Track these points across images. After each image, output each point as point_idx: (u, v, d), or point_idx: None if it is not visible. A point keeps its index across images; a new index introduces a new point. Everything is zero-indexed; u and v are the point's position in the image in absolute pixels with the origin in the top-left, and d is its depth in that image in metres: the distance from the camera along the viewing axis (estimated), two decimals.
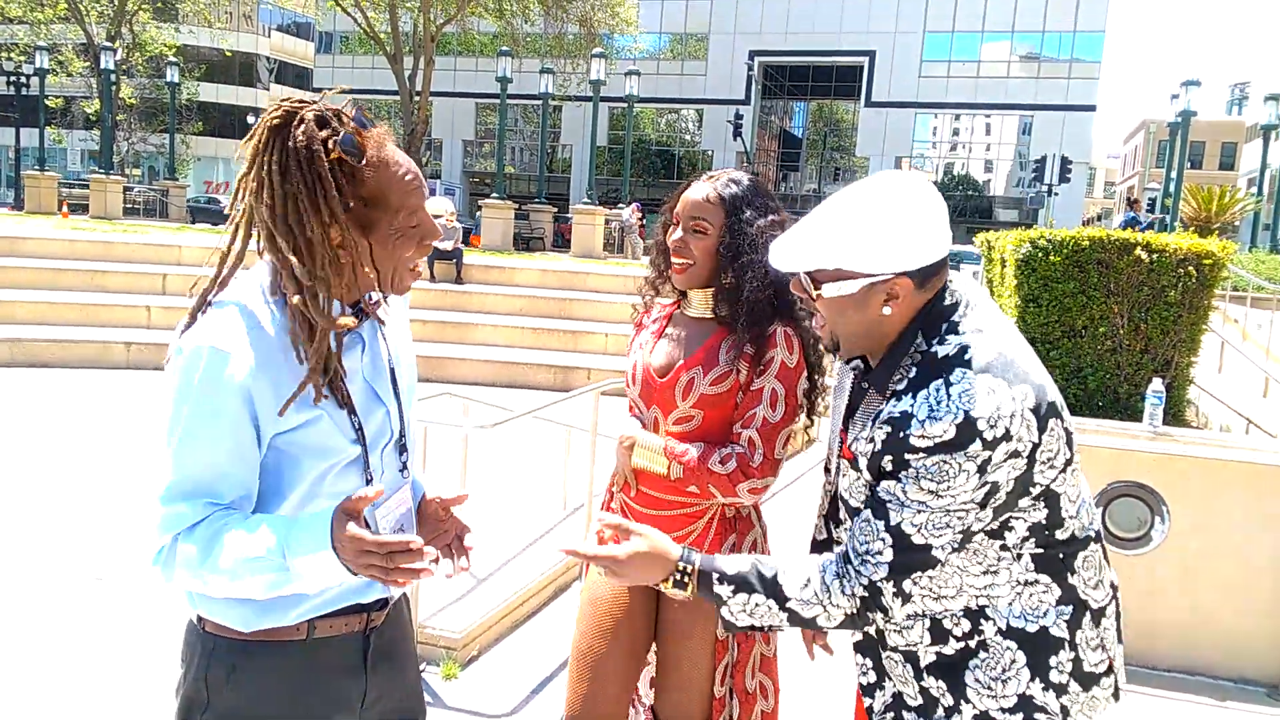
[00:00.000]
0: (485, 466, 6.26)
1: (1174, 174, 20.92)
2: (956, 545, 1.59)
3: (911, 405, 1.56)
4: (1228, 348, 9.65)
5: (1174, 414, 7.13)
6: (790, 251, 1.64)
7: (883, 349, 1.67)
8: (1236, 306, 11.87)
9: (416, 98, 26.73)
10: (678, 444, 2.22)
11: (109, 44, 28.55)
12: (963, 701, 1.68)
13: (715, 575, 1.67)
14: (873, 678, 1.81)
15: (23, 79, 35.27)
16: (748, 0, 47.97)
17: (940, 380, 1.57)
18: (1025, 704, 1.65)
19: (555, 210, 28.63)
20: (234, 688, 1.57)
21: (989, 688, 1.66)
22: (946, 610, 1.68)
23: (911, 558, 1.59)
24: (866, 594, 1.61)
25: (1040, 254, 7.04)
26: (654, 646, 2.40)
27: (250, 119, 49.17)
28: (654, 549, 1.70)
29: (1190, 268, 6.81)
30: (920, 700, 1.73)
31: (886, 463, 1.58)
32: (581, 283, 15.37)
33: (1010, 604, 1.67)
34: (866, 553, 1.60)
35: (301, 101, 1.57)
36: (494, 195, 22.21)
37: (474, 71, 48.10)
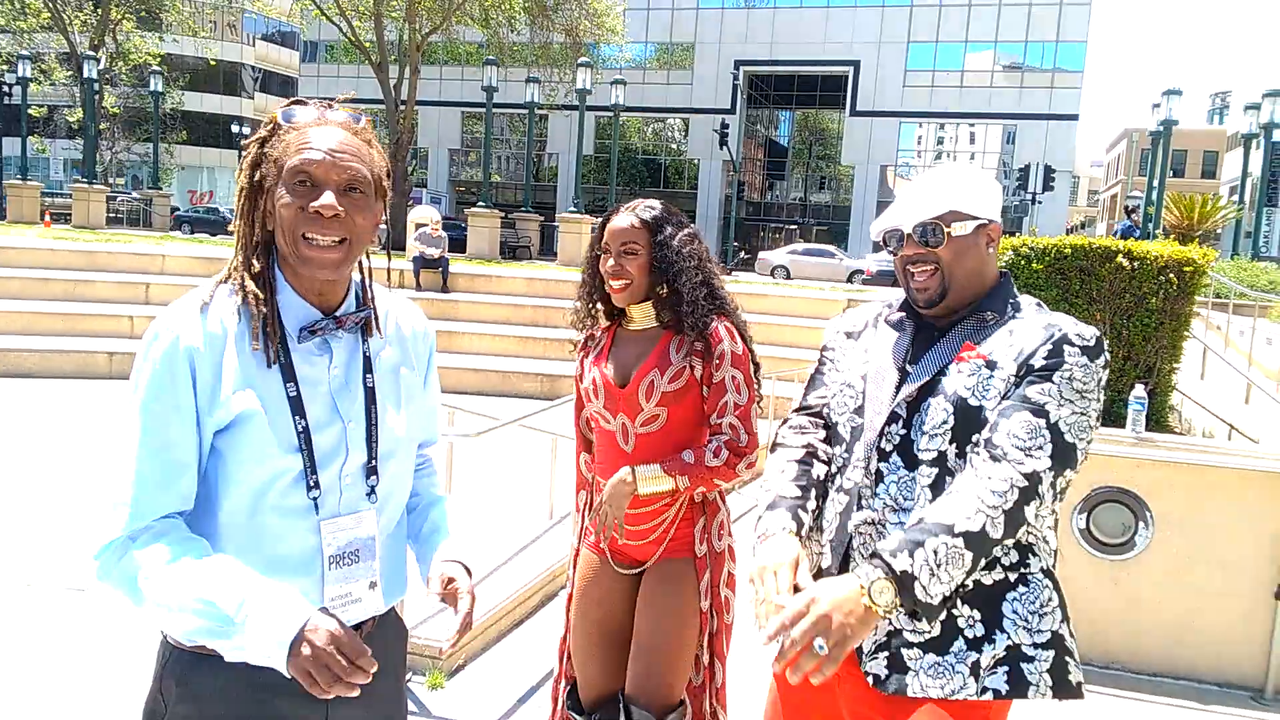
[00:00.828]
0: (471, 475, 6.25)
1: (1156, 182, 21.09)
2: (1082, 459, 1.74)
3: (1050, 319, 1.84)
4: (1210, 354, 9.73)
5: (1157, 420, 7.18)
6: (926, 201, 1.90)
7: (978, 296, 1.92)
8: (1219, 313, 11.96)
9: (402, 107, 26.68)
10: (672, 459, 2.46)
11: (92, 53, 28.41)
12: (997, 631, 1.74)
13: (886, 556, 1.60)
14: None
15: (5, 87, 35.06)
16: (733, 11, 48.17)
17: (1051, 314, 1.88)
18: (1057, 642, 1.75)
19: (541, 219, 28.64)
20: (182, 700, 1.55)
21: (1026, 620, 1.75)
22: None
23: (1066, 455, 1.71)
24: (1026, 483, 1.66)
25: (1023, 261, 7.09)
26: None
27: (234, 128, 48.96)
28: (831, 589, 1.58)
29: (1171, 275, 6.86)
30: (936, 632, 1.74)
31: (1040, 356, 1.76)
32: (568, 291, 15.33)
33: (1051, 546, 1.83)
34: (1027, 448, 1.69)
35: (301, 101, 1.64)
36: (480, 204, 22.19)
37: (460, 81, 48.08)
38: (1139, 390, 5.07)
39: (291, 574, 1.55)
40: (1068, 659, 1.75)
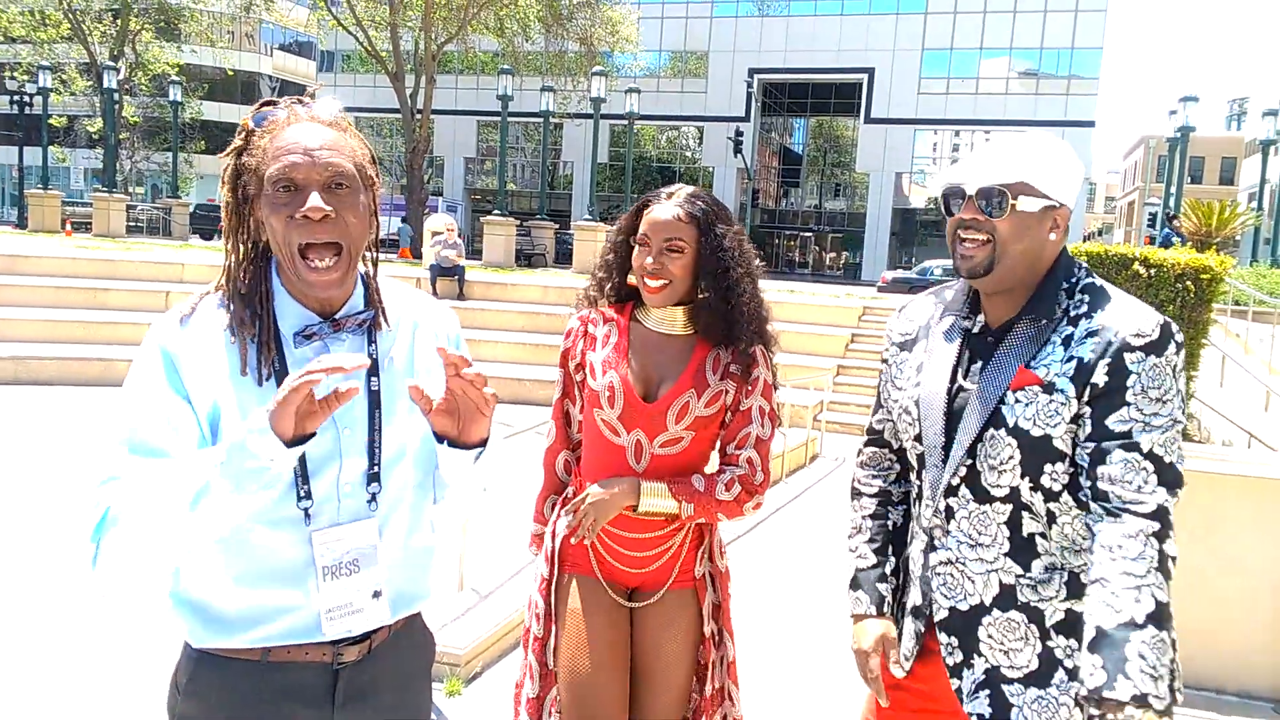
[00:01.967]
0: (487, 482, 6.27)
1: (1174, 189, 20.97)
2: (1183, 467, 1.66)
3: (1105, 318, 1.68)
4: (1229, 362, 9.66)
5: None
6: (989, 167, 1.73)
7: (1028, 284, 1.76)
8: (1238, 321, 11.88)
9: (418, 116, 26.85)
10: (682, 482, 2.23)
11: (112, 63, 28.75)
12: None
13: (1107, 694, 1.53)
14: (960, 656, 1.78)
15: (26, 98, 35.42)
16: (747, 19, 48.21)
17: (1115, 298, 1.73)
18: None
19: (557, 227, 28.70)
20: (189, 696, 1.57)
21: None
22: (1085, 564, 1.71)
23: (1174, 478, 1.65)
24: (1158, 525, 1.60)
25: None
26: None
27: None
28: None
29: (1188, 282, 6.83)
30: (1035, 666, 1.71)
31: (1102, 374, 1.65)
32: None
33: None
34: (1139, 488, 1.61)
35: (271, 102, 1.59)
36: (496, 212, 22.30)
37: (475, 89, 48.34)
38: None
39: (282, 584, 1.53)
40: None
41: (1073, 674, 1.69)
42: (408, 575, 1.66)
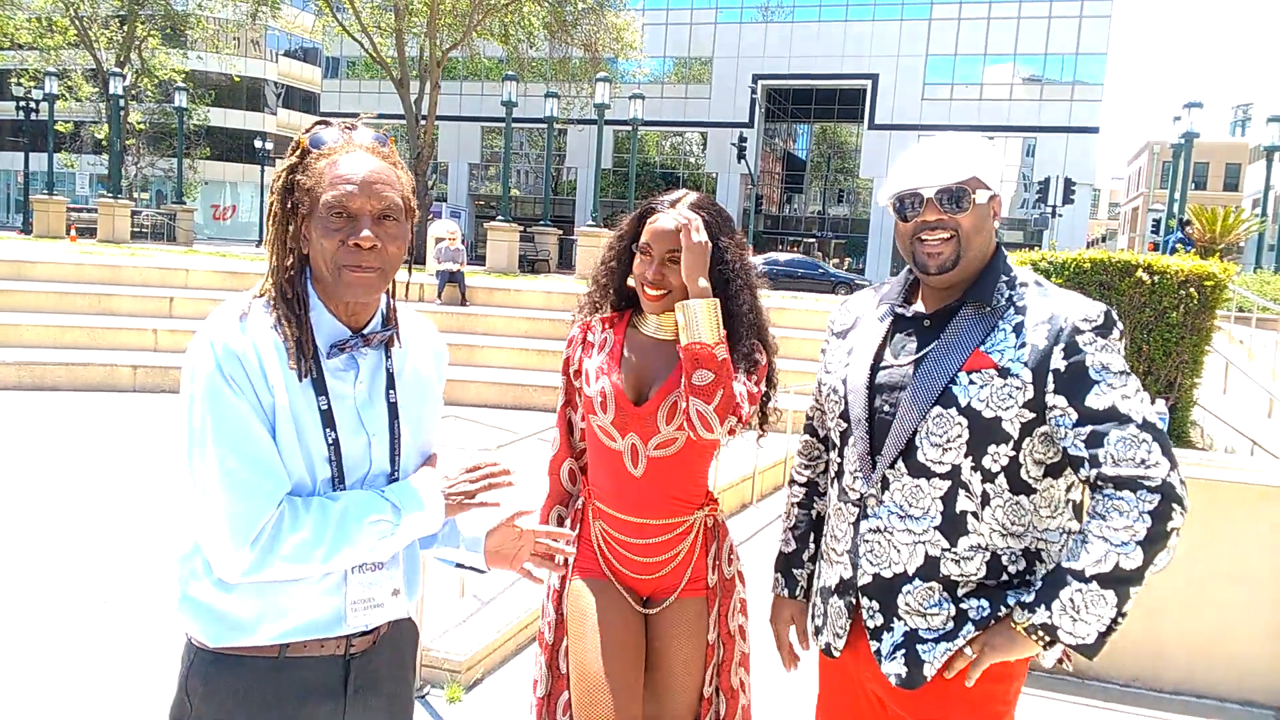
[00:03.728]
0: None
1: (1178, 195, 20.95)
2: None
3: (1053, 307, 1.79)
4: (1232, 369, 9.64)
5: (1178, 435, 7.13)
6: (950, 165, 1.84)
7: (977, 271, 1.87)
8: (1242, 327, 11.86)
9: (422, 122, 26.90)
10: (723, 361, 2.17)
11: (118, 69, 28.86)
12: (1001, 608, 1.80)
13: (1022, 609, 1.75)
14: (880, 620, 1.88)
15: (32, 104, 35.57)
16: (751, 25, 48.28)
17: (1059, 291, 1.84)
18: None
19: (560, 233, 28.73)
20: (206, 699, 1.60)
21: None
22: (1010, 548, 1.82)
23: (1166, 439, 1.72)
24: (1160, 498, 1.66)
25: (1042, 276, 7.06)
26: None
27: (258, 143, 49.46)
28: (1000, 640, 1.78)
29: (1192, 289, 6.83)
30: (949, 626, 1.82)
31: (1059, 358, 1.73)
32: None
33: (1059, 550, 1.84)
34: (1142, 461, 1.68)
35: (324, 121, 1.69)
36: (499, 218, 22.34)
37: (480, 95, 48.44)
38: (1160, 405, 5.05)
39: (316, 580, 1.61)
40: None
41: (979, 625, 1.80)
42: (412, 569, 1.79)
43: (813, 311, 15.98)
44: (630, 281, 2.35)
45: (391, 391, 1.70)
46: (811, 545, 2.17)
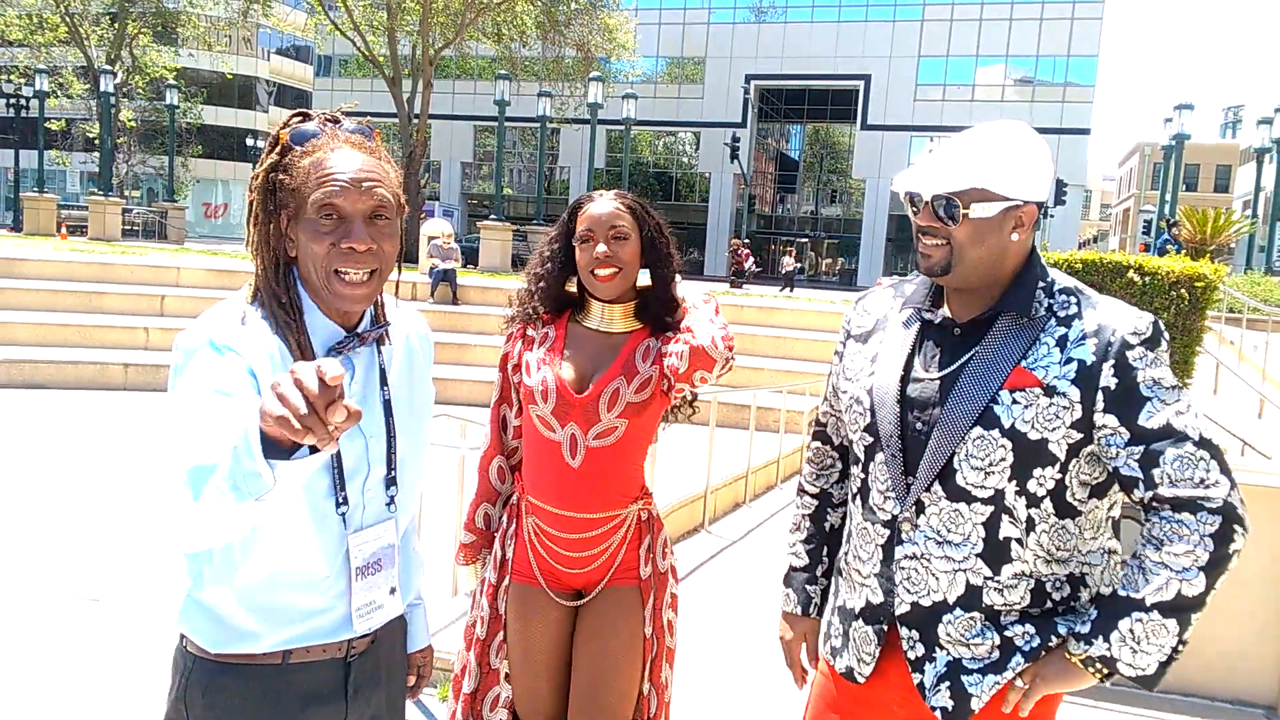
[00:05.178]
0: None
1: (1169, 197, 21.04)
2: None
3: (1099, 318, 1.67)
4: (1223, 369, 9.69)
5: None
6: (941, 173, 1.70)
7: (996, 282, 1.75)
8: (1232, 328, 11.91)
9: (415, 120, 26.86)
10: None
11: (109, 67, 28.74)
12: (1053, 637, 1.72)
13: (1077, 641, 1.66)
14: (921, 650, 1.78)
15: (23, 101, 35.39)
16: (744, 25, 48.32)
17: (1102, 299, 1.72)
18: None
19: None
20: (207, 709, 1.56)
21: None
22: (1054, 574, 1.73)
23: (1223, 455, 1.63)
24: (1221, 519, 1.59)
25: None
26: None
27: (249, 142, 49.32)
28: (1052, 672, 1.69)
29: (1183, 290, 6.85)
30: (995, 656, 1.73)
31: (1109, 375, 1.63)
32: None
33: (1102, 572, 1.77)
34: (1201, 481, 1.60)
35: (304, 113, 1.63)
36: (492, 217, 22.30)
37: (472, 95, 48.35)
38: None
39: (313, 586, 1.58)
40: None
41: (1029, 656, 1.72)
42: (406, 567, 1.80)
43: (803, 312, 15.99)
44: (569, 287, 2.41)
45: (385, 389, 1.66)
46: (825, 560, 2.07)
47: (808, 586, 2.07)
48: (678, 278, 2.39)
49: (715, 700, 4.02)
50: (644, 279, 2.34)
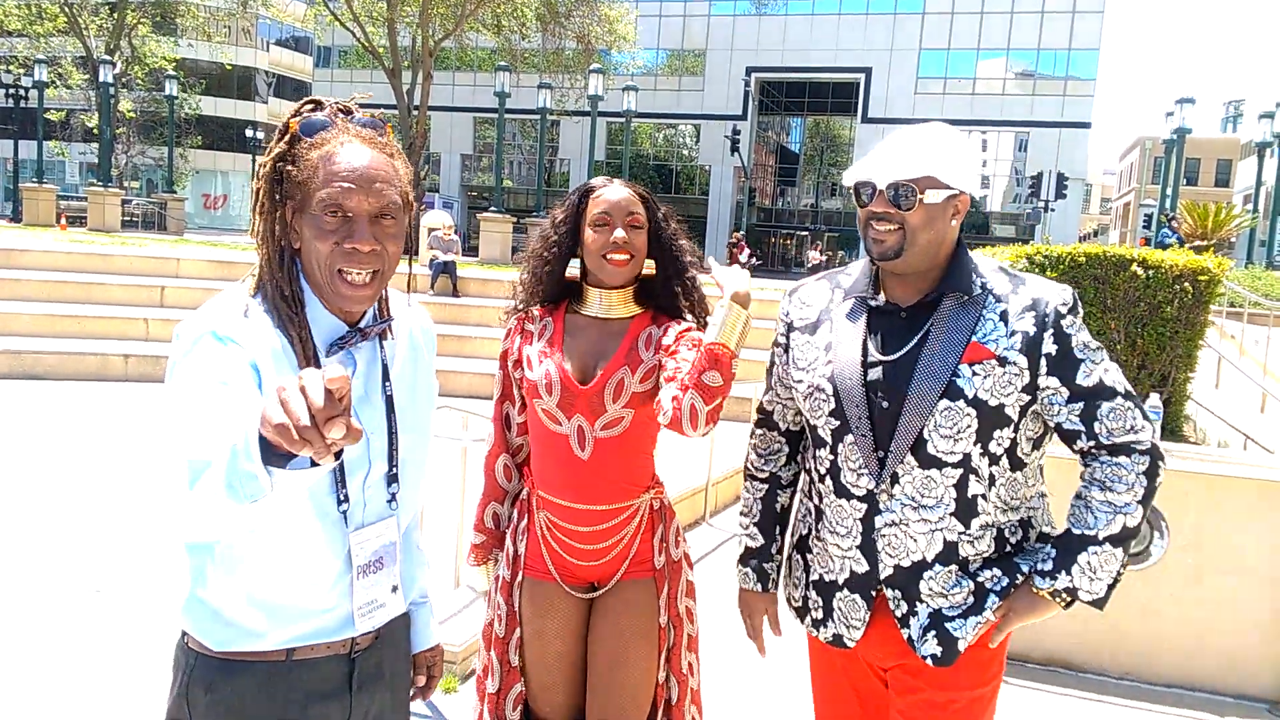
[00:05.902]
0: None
1: (1170, 191, 21.01)
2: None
3: (1032, 293, 1.88)
4: (1225, 363, 9.68)
5: (1171, 430, 7.15)
6: (896, 164, 1.88)
7: (935, 265, 1.93)
8: (1233, 322, 11.90)
9: (415, 112, 26.80)
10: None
11: (108, 57, 28.62)
12: (1017, 575, 1.93)
13: (1042, 577, 1.88)
14: (905, 607, 1.96)
15: (22, 91, 35.31)
16: (745, 17, 48.21)
17: (1028, 276, 1.94)
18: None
19: None
20: (211, 706, 1.54)
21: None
22: (1010, 521, 1.96)
23: (1140, 402, 1.88)
24: (1150, 459, 1.84)
25: (1037, 270, 7.06)
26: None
27: (249, 132, 49.22)
28: (1023, 605, 1.92)
29: (1186, 284, 6.84)
30: (971, 601, 1.92)
31: (1050, 343, 1.85)
32: None
33: (1042, 514, 2.02)
34: (1132, 427, 1.84)
35: (316, 102, 1.60)
36: (492, 209, 22.26)
37: (472, 86, 48.26)
38: (1154, 399, 5.06)
39: (316, 584, 1.57)
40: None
41: (1001, 595, 1.92)
42: (408, 563, 1.80)
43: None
44: (571, 271, 2.38)
45: (387, 384, 1.64)
46: (778, 538, 2.24)
47: (764, 565, 2.24)
48: (691, 266, 2.37)
49: (718, 693, 4.02)
50: (648, 267, 2.35)
